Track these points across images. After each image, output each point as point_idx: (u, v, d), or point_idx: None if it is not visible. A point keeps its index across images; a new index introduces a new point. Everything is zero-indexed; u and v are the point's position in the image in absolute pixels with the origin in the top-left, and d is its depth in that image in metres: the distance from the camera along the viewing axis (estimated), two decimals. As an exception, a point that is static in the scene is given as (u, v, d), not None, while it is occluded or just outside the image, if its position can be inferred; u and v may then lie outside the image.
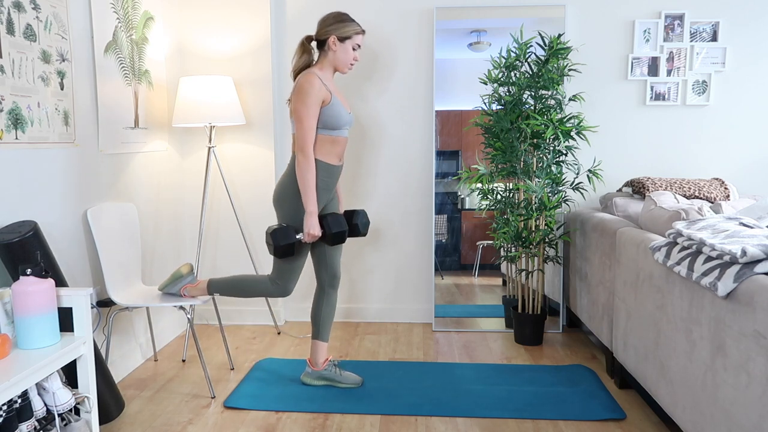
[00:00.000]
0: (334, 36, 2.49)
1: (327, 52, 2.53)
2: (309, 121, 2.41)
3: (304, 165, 2.42)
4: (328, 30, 2.50)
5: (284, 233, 2.43)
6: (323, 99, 2.44)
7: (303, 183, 2.43)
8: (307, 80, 2.42)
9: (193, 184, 3.61)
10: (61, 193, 2.43)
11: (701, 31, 3.44)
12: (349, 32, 2.50)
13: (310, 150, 2.42)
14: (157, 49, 3.24)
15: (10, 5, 2.10)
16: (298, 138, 2.43)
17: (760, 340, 1.53)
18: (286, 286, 2.56)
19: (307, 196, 2.43)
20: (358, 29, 2.52)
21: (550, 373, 2.86)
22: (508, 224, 3.19)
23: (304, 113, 2.41)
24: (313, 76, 2.43)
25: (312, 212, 2.44)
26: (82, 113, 2.57)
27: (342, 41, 2.50)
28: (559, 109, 3.11)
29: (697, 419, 1.86)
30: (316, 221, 2.45)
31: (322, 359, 2.71)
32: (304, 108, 2.41)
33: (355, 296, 3.75)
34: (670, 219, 2.39)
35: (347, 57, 2.53)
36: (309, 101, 2.40)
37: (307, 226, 2.45)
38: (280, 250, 2.42)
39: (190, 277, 2.66)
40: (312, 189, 2.44)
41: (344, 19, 2.51)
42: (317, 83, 2.42)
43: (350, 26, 2.51)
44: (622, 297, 2.55)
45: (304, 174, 2.42)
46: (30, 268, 1.79)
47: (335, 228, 2.49)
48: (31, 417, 1.75)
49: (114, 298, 2.58)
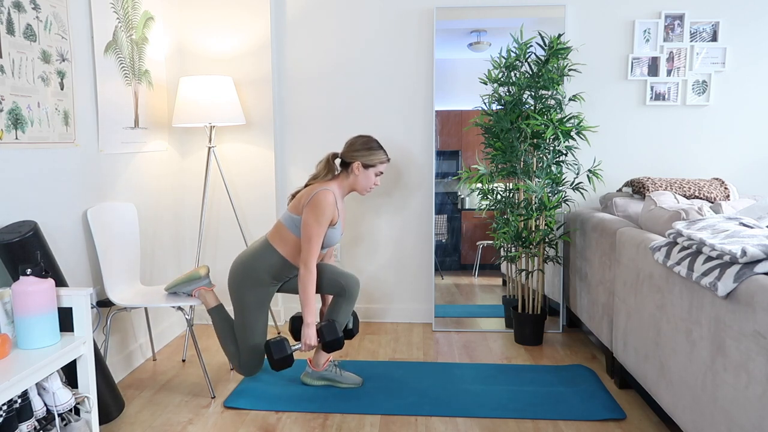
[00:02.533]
0: (360, 162, 2.56)
1: (349, 174, 2.60)
2: (317, 239, 2.49)
3: (306, 279, 2.50)
4: (355, 155, 2.57)
5: (279, 347, 2.53)
6: (332, 220, 2.53)
7: (304, 296, 2.52)
8: (326, 198, 2.48)
9: (193, 184, 3.61)
10: (61, 193, 2.43)
11: (701, 31, 3.44)
12: (374, 161, 2.59)
13: (313, 264, 2.51)
14: (157, 49, 3.24)
15: (10, 5, 2.10)
16: (304, 253, 2.50)
17: (760, 340, 1.53)
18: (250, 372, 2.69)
19: (307, 309, 2.53)
20: (383, 158, 2.60)
21: (550, 373, 2.86)
22: (508, 224, 3.19)
23: (315, 231, 2.48)
24: (331, 195, 2.50)
25: (310, 324, 2.54)
26: (82, 113, 2.57)
27: (366, 168, 2.58)
28: (559, 109, 3.11)
29: (697, 419, 1.86)
30: (314, 332, 2.55)
31: (323, 360, 2.71)
32: (317, 226, 2.48)
33: (355, 296, 3.75)
34: (670, 219, 2.39)
35: (368, 183, 2.61)
36: (322, 220, 2.48)
37: (305, 337, 2.54)
38: (277, 363, 2.53)
39: (207, 280, 2.68)
40: (312, 302, 2.53)
41: (372, 147, 2.58)
42: (333, 203, 2.50)
43: (377, 155, 2.58)
44: (622, 297, 2.55)
45: (306, 287, 2.51)
46: (30, 268, 1.79)
47: (329, 337, 2.57)
48: (31, 417, 1.75)
49: (113, 299, 2.58)
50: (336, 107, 3.62)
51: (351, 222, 3.69)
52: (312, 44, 3.58)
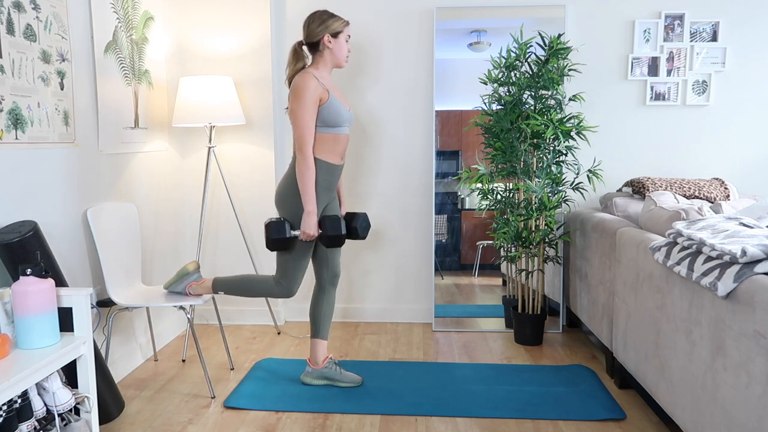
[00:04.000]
0: (328, 34, 2.52)
1: (323, 51, 2.54)
2: (306, 120, 2.42)
3: (302, 165, 2.42)
4: (319, 30, 2.52)
5: (278, 227, 2.43)
6: (320, 97, 2.45)
7: (302, 183, 2.43)
8: (303, 80, 2.43)
9: (193, 184, 3.61)
10: (61, 193, 2.43)
11: (701, 31, 3.44)
12: (339, 26, 2.54)
13: (308, 150, 2.43)
14: (157, 49, 3.24)
15: (10, 5, 2.10)
16: (296, 138, 2.43)
17: (760, 340, 1.53)
18: (290, 287, 2.57)
19: (306, 196, 2.44)
20: (345, 21, 2.57)
21: (550, 373, 2.86)
22: (508, 224, 3.19)
23: (300, 112, 2.42)
24: (308, 75, 2.44)
25: (311, 212, 2.45)
26: (82, 113, 2.57)
27: (335, 37, 2.53)
28: (559, 109, 3.11)
29: (697, 419, 1.86)
30: (314, 221, 2.46)
31: (322, 357, 2.71)
32: (301, 107, 2.42)
33: (355, 296, 3.75)
34: (670, 219, 2.39)
35: (343, 50, 2.57)
36: (305, 100, 2.41)
37: (305, 226, 2.45)
38: (272, 243, 2.43)
39: (196, 274, 2.67)
40: (311, 188, 2.44)
41: (330, 15, 2.54)
42: (313, 82, 2.43)
43: (338, 21, 2.54)
44: (622, 297, 2.55)
45: (303, 173, 2.43)
46: (30, 268, 1.79)
47: (331, 231, 2.49)
48: (31, 417, 1.75)
49: (114, 298, 2.58)
50: (336, 107, 3.62)
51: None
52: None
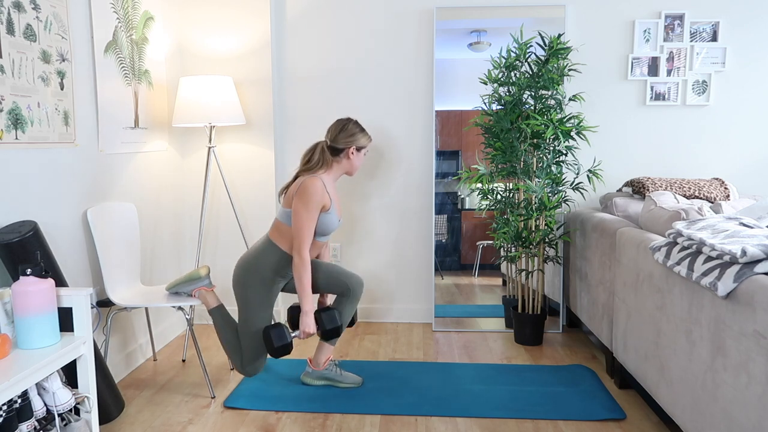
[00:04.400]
0: (355, 146, 2.60)
1: (341, 159, 2.61)
2: (308, 225, 2.48)
3: (300, 267, 2.49)
4: (350, 141, 2.59)
5: (280, 334, 2.49)
6: (324, 205, 2.52)
7: (299, 283, 2.51)
8: (313, 184, 2.48)
9: (193, 184, 3.61)
10: (61, 193, 2.43)
11: (701, 31, 3.44)
12: (365, 142, 2.63)
13: (306, 252, 2.50)
14: (157, 49, 3.24)
15: (10, 5, 2.10)
16: (296, 240, 2.50)
17: (760, 340, 1.53)
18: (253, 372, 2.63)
19: (303, 297, 2.52)
20: (369, 137, 2.66)
21: (550, 373, 2.86)
22: (508, 224, 3.19)
23: (304, 217, 2.47)
24: (318, 181, 2.49)
25: (308, 312, 2.53)
26: (82, 113, 2.57)
27: (359, 151, 2.62)
28: (559, 109, 3.11)
29: (697, 419, 1.86)
30: (312, 320, 2.54)
31: (324, 359, 2.71)
32: (306, 213, 2.47)
33: (355, 296, 3.75)
34: (670, 219, 2.39)
35: (360, 163, 2.66)
36: (311, 206, 2.47)
37: (303, 325, 2.53)
38: (277, 351, 2.49)
39: (207, 280, 2.68)
40: (308, 289, 2.52)
41: (360, 130, 2.62)
42: (321, 189, 2.49)
43: (366, 137, 2.64)
44: (622, 297, 2.55)
45: (300, 275, 2.50)
46: (30, 268, 1.79)
47: (328, 325, 2.56)
48: (31, 417, 1.75)
49: (113, 299, 2.58)
50: (336, 107, 3.62)
51: (351, 222, 3.69)
52: (312, 44, 3.58)
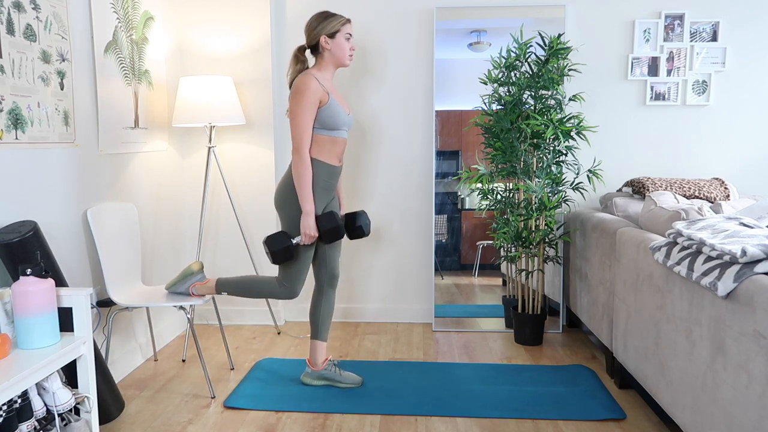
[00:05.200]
0: (324, 36, 2.50)
1: (322, 53, 2.54)
2: (304, 121, 2.41)
3: (299, 165, 2.42)
4: (316, 32, 2.51)
5: (278, 239, 2.44)
6: (320, 99, 2.44)
7: (299, 183, 2.43)
8: (303, 81, 2.43)
9: (193, 184, 3.61)
10: (61, 193, 2.43)
11: (701, 31, 3.44)
12: (336, 26, 2.51)
13: (305, 150, 2.43)
14: (157, 49, 3.24)
15: (10, 5, 2.10)
16: (294, 138, 2.43)
17: (760, 340, 1.53)
18: (294, 288, 2.56)
19: (303, 197, 2.43)
20: (342, 20, 2.53)
21: (550, 373, 2.86)
22: (508, 224, 3.19)
23: (298, 113, 2.42)
24: (309, 76, 2.44)
25: (309, 212, 2.44)
26: (82, 113, 2.57)
27: (332, 37, 2.51)
28: (559, 109, 3.11)
29: (697, 419, 1.86)
30: (312, 221, 2.45)
31: (322, 359, 2.71)
32: (299, 108, 2.41)
33: (355, 296, 3.75)
34: (670, 219, 2.39)
35: (343, 50, 2.54)
36: (304, 101, 2.41)
37: (304, 227, 2.44)
38: (278, 255, 2.43)
39: (200, 275, 2.66)
40: (308, 189, 2.43)
41: (327, 15, 2.52)
42: (313, 83, 2.43)
43: (335, 20, 2.52)
44: (622, 297, 2.55)
45: (300, 174, 2.42)
46: (30, 268, 1.79)
47: (327, 225, 2.48)
48: (31, 417, 1.75)
49: (114, 298, 2.58)
50: (336, 107, 3.62)
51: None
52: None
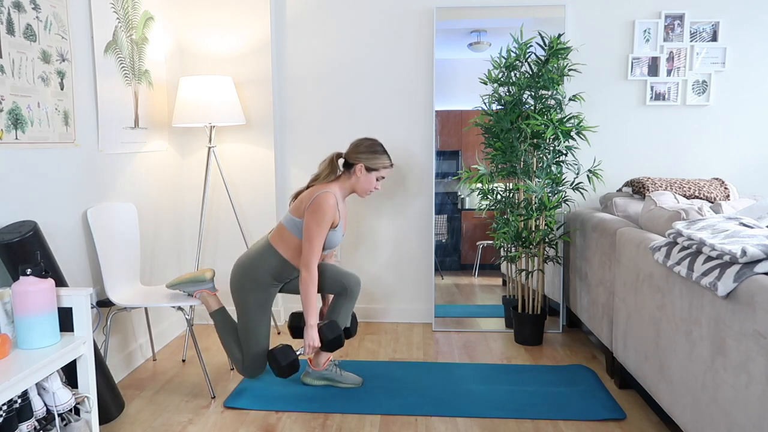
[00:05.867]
0: (363, 165, 2.56)
1: (351, 175, 2.60)
2: (318, 242, 2.50)
3: (308, 281, 2.51)
4: (359, 157, 2.58)
5: (285, 353, 2.54)
6: (333, 222, 2.53)
7: (305, 298, 2.53)
8: (327, 201, 2.48)
9: (193, 184, 3.61)
10: (61, 193, 2.42)
11: (701, 31, 3.44)
12: (377, 165, 2.59)
13: (314, 266, 2.51)
14: (157, 49, 3.24)
15: (10, 5, 2.10)
16: (305, 255, 2.51)
17: (760, 340, 1.53)
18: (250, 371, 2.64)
19: (308, 311, 2.53)
20: (387, 164, 2.60)
21: (550, 373, 2.86)
22: (508, 224, 3.19)
23: (315, 233, 2.48)
24: (332, 198, 2.50)
25: (312, 325, 2.55)
26: (82, 113, 2.57)
27: (369, 171, 2.58)
28: (559, 109, 3.11)
29: (697, 419, 1.86)
30: (316, 334, 2.56)
31: (324, 359, 2.71)
32: (318, 228, 2.48)
33: (355, 296, 3.75)
34: (670, 219, 2.39)
35: (369, 186, 2.61)
36: (323, 223, 2.48)
37: (308, 339, 2.55)
38: (284, 370, 2.53)
39: (211, 284, 2.69)
40: (314, 304, 2.53)
41: (377, 151, 2.59)
42: (334, 206, 2.49)
43: (381, 160, 2.58)
44: (622, 297, 2.55)
45: (308, 290, 2.51)
46: (30, 268, 1.79)
47: (330, 335, 2.57)
48: (31, 417, 1.75)
49: (113, 299, 2.58)
50: (336, 107, 3.62)
51: (351, 222, 3.69)
52: (312, 44, 3.58)
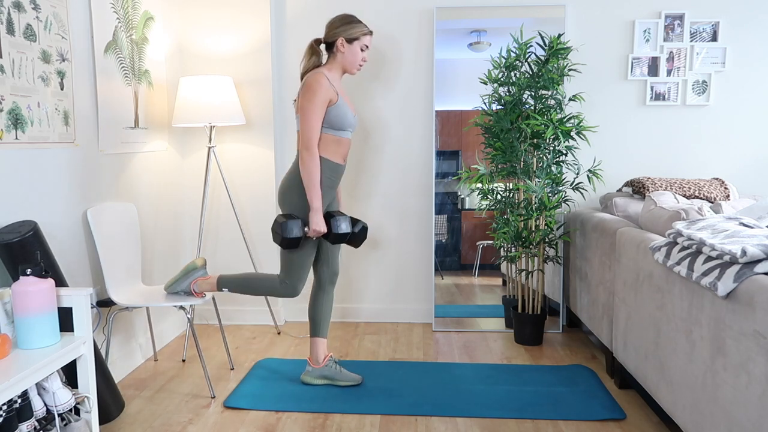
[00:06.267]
0: (342, 38, 2.54)
1: (335, 54, 2.57)
2: (315, 119, 2.45)
3: (309, 161, 2.45)
4: (336, 32, 2.55)
5: (293, 226, 2.43)
6: (330, 98, 2.48)
7: (308, 179, 2.45)
8: (315, 79, 2.46)
9: (193, 184, 3.61)
10: (61, 193, 2.43)
11: (701, 31, 3.44)
12: (356, 33, 2.55)
13: (315, 147, 2.46)
14: (157, 49, 3.24)
15: (10, 5, 2.10)
16: (303, 135, 2.46)
17: (760, 340, 1.53)
18: (295, 286, 2.57)
19: (312, 193, 2.46)
20: (365, 30, 2.57)
21: (550, 373, 2.86)
22: (508, 224, 3.19)
23: (310, 111, 2.45)
24: (321, 75, 2.47)
25: (317, 209, 2.47)
26: (82, 113, 2.57)
27: (350, 42, 2.55)
28: (559, 109, 3.11)
29: (697, 419, 1.87)
30: (321, 218, 2.48)
31: (323, 356, 2.71)
32: (311, 106, 2.45)
33: (355, 296, 3.75)
34: (670, 219, 2.39)
35: (355, 58, 2.58)
36: (316, 99, 2.44)
37: (313, 223, 2.47)
38: (287, 242, 2.42)
39: (203, 270, 2.67)
40: (317, 185, 2.46)
41: (351, 20, 2.56)
42: (325, 82, 2.46)
43: (357, 27, 2.55)
44: (622, 297, 2.55)
45: (309, 170, 2.45)
46: (30, 268, 1.79)
47: (341, 229, 2.51)
48: (31, 417, 1.75)
49: (114, 298, 2.58)
50: (336, 107, 3.62)
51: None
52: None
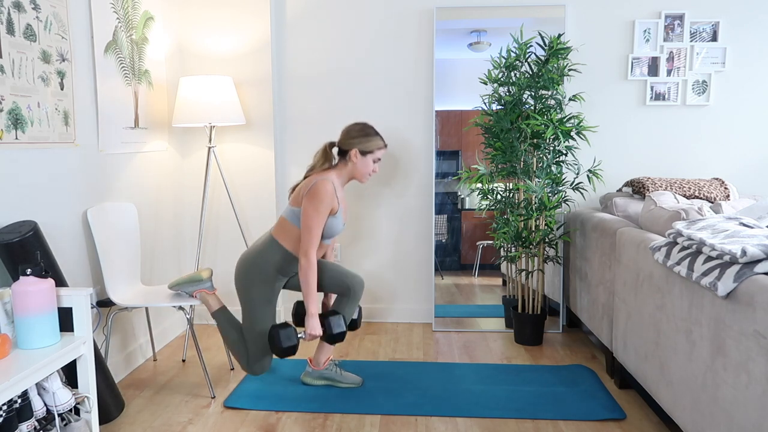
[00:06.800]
0: (357, 149, 2.57)
1: (347, 162, 2.60)
2: (317, 228, 2.48)
3: (307, 269, 2.50)
4: (352, 143, 2.57)
5: (288, 335, 2.50)
6: (332, 208, 2.52)
7: (306, 287, 2.51)
8: (324, 188, 2.48)
9: (193, 184, 3.61)
10: (61, 193, 2.42)
11: (701, 31, 3.44)
12: (371, 147, 2.59)
13: (313, 254, 2.50)
14: (157, 49, 3.24)
15: (10, 5, 2.10)
16: (303, 243, 2.50)
17: (760, 340, 1.53)
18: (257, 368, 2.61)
19: (309, 299, 2.52)
20: (380, 144, 2.60)
21: (550, 373, 2.86)
22: (508, 224, 3.19)
23: (314, 220, 2.48)
24: (329, 184, 2.49)
25: (313, 314, 2.53)
26: (82, 113, 2.57)
27: (363, 155, 2.58)
28: (559, 109, 3.11)
29: (697, 419, 1.87)
30: (317, 322, 2.54)
31: (325, 358, 2.71)
32: (316, 215, 2.47)
33: (355, 296, 3.75)
34: (670, 219, 2.39)
35: (366, 169, 2.61)
36: (321, 208, 2.47)
37: (309, 328, 2.54)
38: (284, 351, 2.49)
39: (209, 283, 2.67)
40: (314, 292, 2.52)
41: (369, 133, 2.59)
42: (331, 191, 2.49)
43: (374, 141, 2.58)
44: (622, 297, 2.55)
45: (308, 279, 2.50)
46: (30, 268, 1.79)
47: (336, 329, 2.56)
48: (31, 417, 1.75)
49: (113, 299, 2.58)
50: (336, 107, 3.62)
51: (351, 222, 3.69)
52: (312, 44, 3.58)
